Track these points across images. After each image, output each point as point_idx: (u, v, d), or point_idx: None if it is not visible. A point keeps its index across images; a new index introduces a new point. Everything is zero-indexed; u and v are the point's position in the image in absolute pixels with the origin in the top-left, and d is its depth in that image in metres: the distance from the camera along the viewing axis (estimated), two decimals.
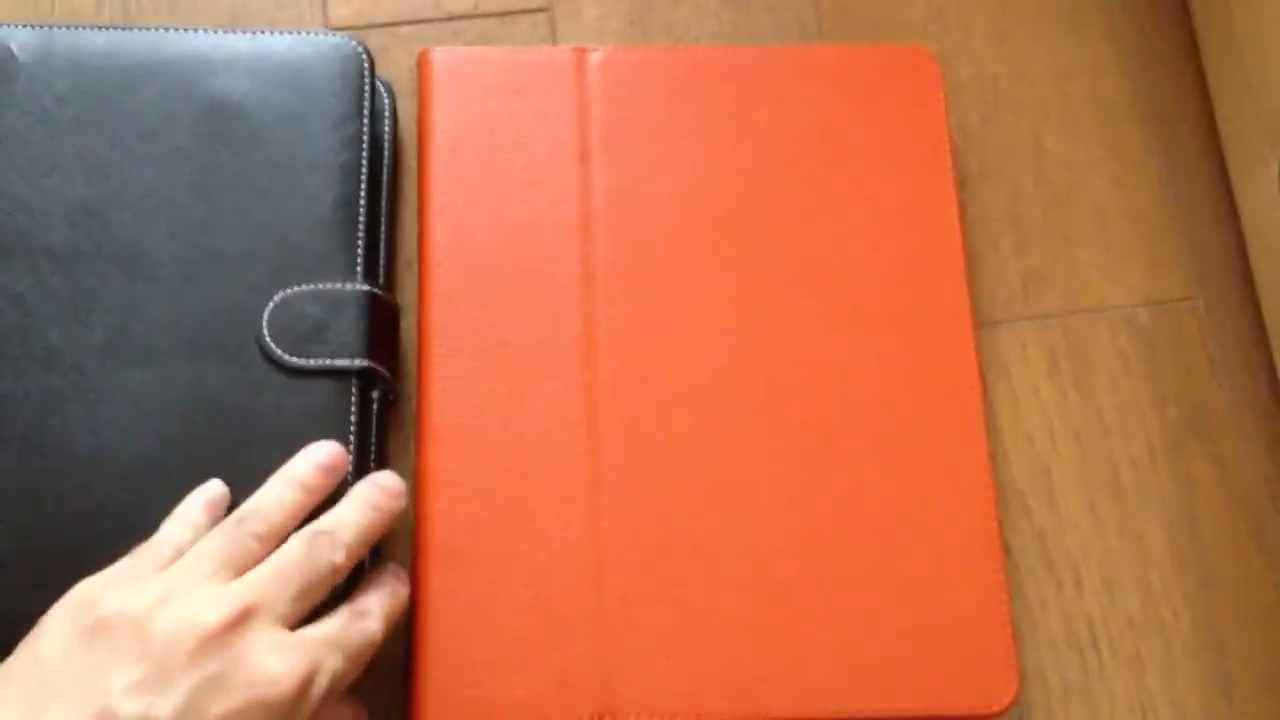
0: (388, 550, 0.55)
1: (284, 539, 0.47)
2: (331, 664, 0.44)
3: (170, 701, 0.41)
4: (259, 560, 0.46)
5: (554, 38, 0.65)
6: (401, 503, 0.50)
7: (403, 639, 0.53)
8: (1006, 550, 0.57)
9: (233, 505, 0.49)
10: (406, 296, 0.58)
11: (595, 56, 0.61)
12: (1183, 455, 0.59)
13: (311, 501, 0.49)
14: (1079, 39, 0.66)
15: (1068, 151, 0.64)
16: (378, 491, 0.49)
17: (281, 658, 0.43)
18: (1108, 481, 0.59)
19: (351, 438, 0.51)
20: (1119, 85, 0.66)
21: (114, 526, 0.49)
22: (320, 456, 0.50)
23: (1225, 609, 0.57)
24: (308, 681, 0.43)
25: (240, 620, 0.43)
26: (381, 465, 0.55)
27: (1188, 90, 0.65)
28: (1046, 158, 0.64)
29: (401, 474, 0.55)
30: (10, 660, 0.44)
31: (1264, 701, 0.55)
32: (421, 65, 0.60)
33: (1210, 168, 0.64)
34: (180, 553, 0.46)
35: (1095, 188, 0.64)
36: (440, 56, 0.60)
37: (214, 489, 0.49)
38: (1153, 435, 0.59)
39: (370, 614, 0.47)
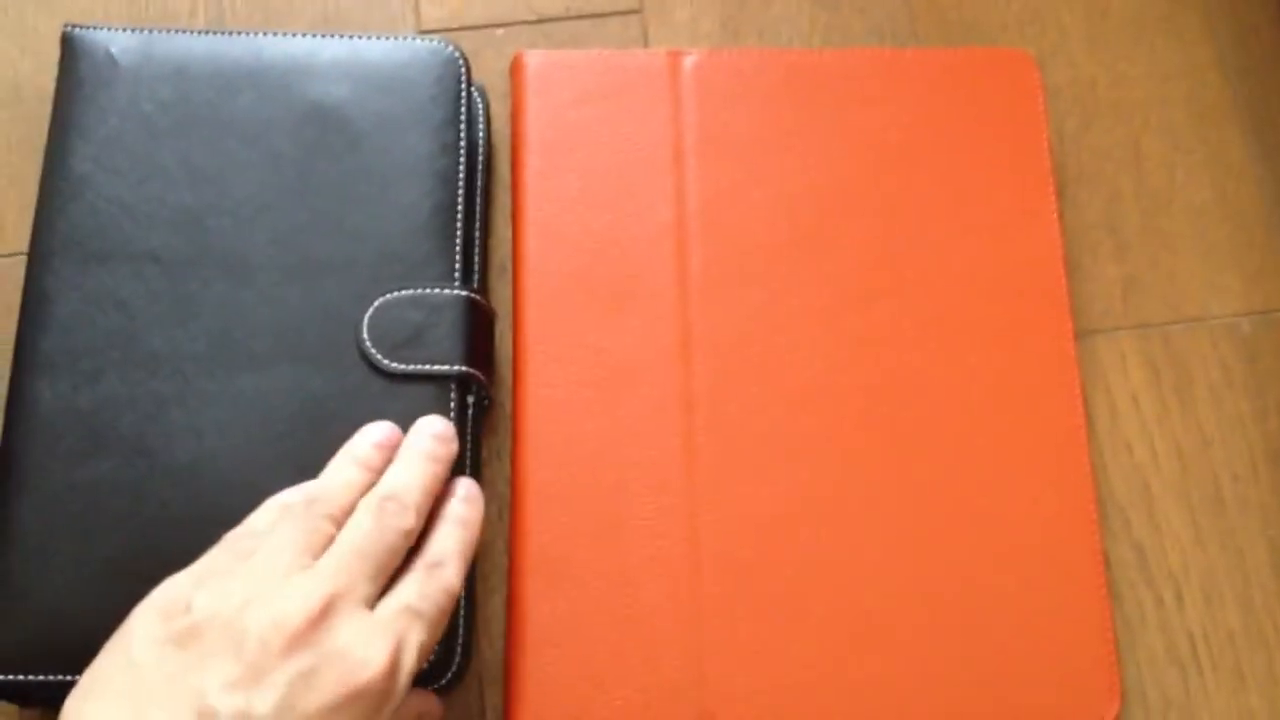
0: (482, 561, 0.55)
1: (349, 514, 0.47)
2: (416, 635, 0.45)
3: (268, 696, 0.41)
4: (332, 540, 0.46)
5: (645, 39, 0.64)
6: (455, 447, 0.50)
7: (499, 649, 0.53)
8: (1106, 564, 0.56)
9: None
10: (500, 303, 0.58)
11: (689, 60, 0.60)
12: None
13: (373, 480, 0.49)
14: (1177, 41, 0.65)
15: (1167, 157, 0.63)
16: (431, 441, 0.50)
17: (367, 642, 0.43)
18: (1208, 494, 0.58)
19: None
20: (1219, 89, 0.64)
21: (215, 529, 0.49)
22: (377, 436, 0.50)
23: None
24: (396, 660, 0.44)
25: (325, 613, 0.43)
26: (476, 471, 0.55)
27: None
28: (1145, 163, 0.63)
29: (496, 481, 0.56)
30: (100, 661, 0.44)
31: None
32: (515, 69, 0.60)
33: None
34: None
35: (1195, 194, 0.62)
36: (534, 60, 0.60)
37: (279, 503, 0.49)
38: (1255, 448, 0.58)
39: (445, 562, 0.47)
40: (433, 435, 0.50)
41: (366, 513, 0.46)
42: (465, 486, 0.50)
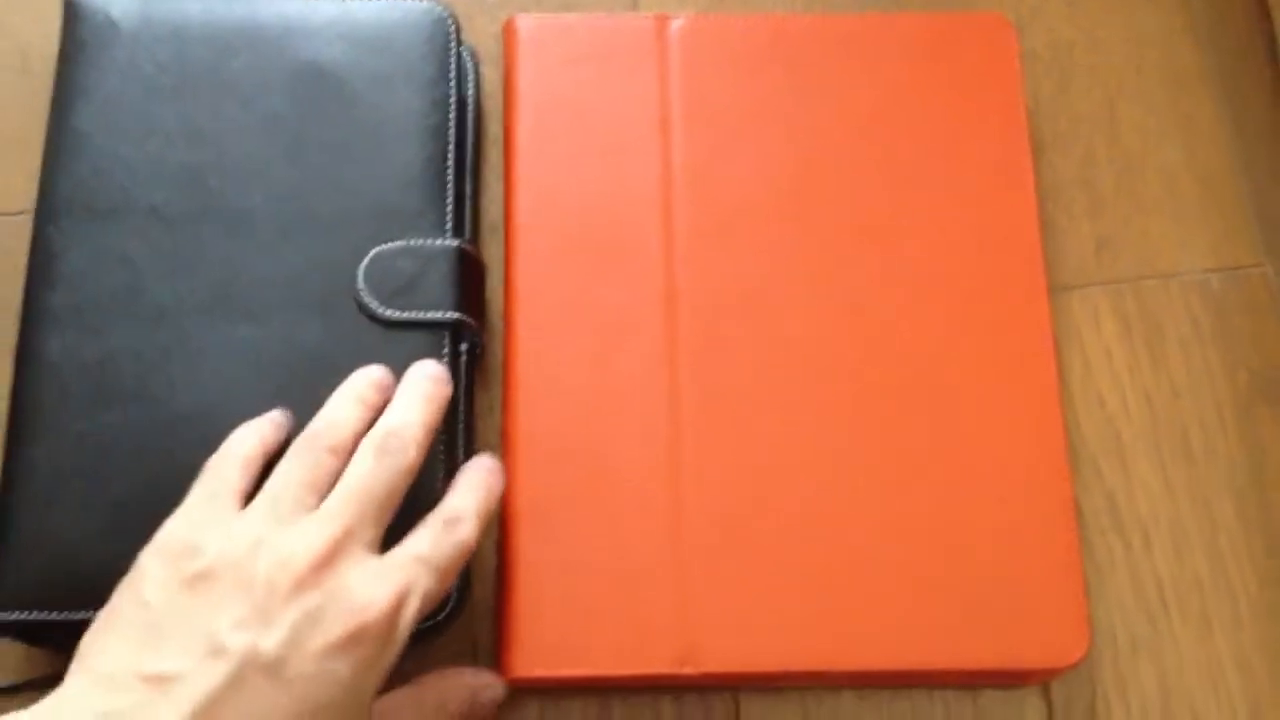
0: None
1: (352, 449, 0.49)
2: (423, 583, 0.46)
3: (275, 634, 0.43)
4: (336, 474, 0.48)
5: (635, 4, 0.66)
6: (449, 389, 0.52)
7: (490, 589, 0.55)
8: (1077, 511, 0.58)
9: None
10: (492, 260, 0.60)
11: (676, 24, 0.62)
12: (1252, 419, 0.60)
13: (372, 418, 0.50)
14: (1153, 8, 0.67)
15: (1140, 119, 0.65)
16: (427, 382, 0.51)
17: (373, 584, 0.45)
18: (1178, 445, 0.59)
19: None
20: (1192, 54, 0.66)
21: None
22: (374, 375, 0.52)
23: None
24: (400, 602, 0.45)
25: (330, 555, 0.45)
26: (469, 421, 0.57)
27: (1259, 59, 0.66)
28: (1119, 125, 0.65)
29: (489, 433, 0.57)
30: (114, 601, 0.46)
31: None
32: (507, 33, 0.62)
33: None
34: (248, 468, 0.49)
35: (1167, 155, 0.64)
36: (526, 24, 0.61)
37: (266, 423, 0.51)
38: (1223, 400, 0.60)
39: (462, 519, 0.49)
40: (428, 376, 0.51)
41: (369, 451, 0.48)
42: (490, 457, 0.52)
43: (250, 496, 0.48)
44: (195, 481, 0.49)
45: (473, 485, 0.50)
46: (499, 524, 0.55)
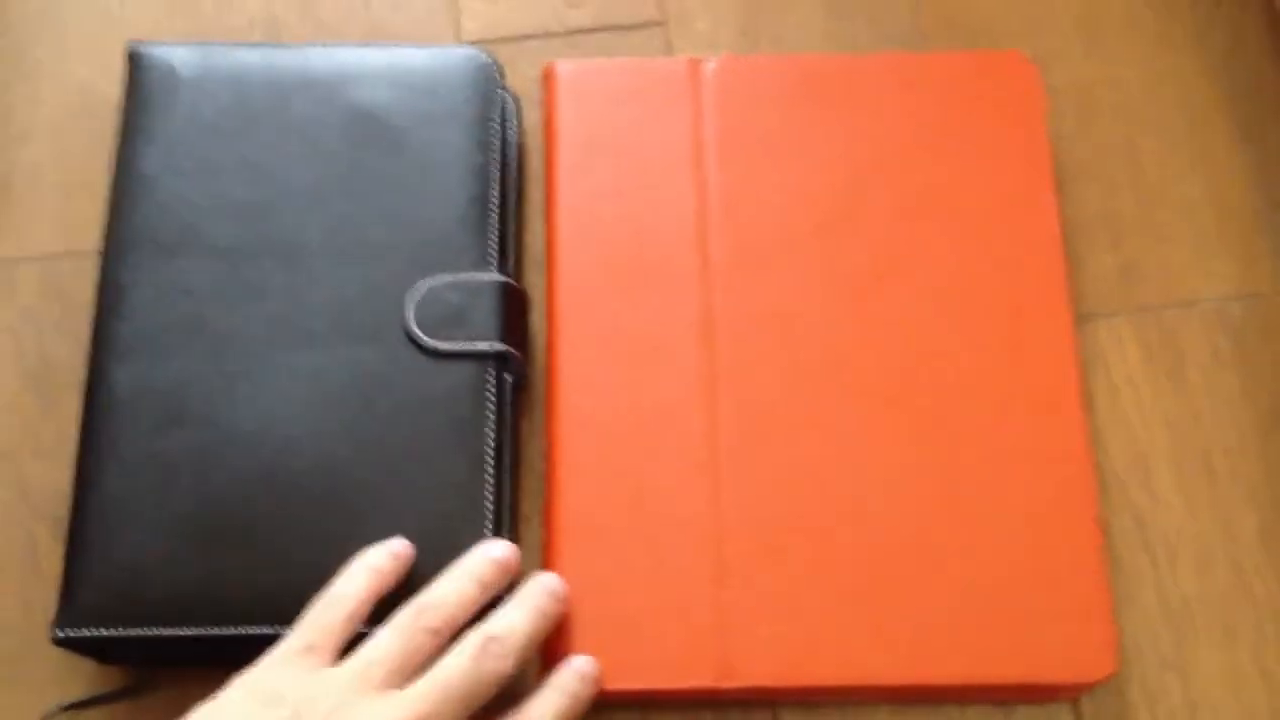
0: (525, 533, 0.59)
1: (457, 632, 0.51)
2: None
3: None
4: (430, 655, 0.50)
5: (669, 49, 0.69)
6: (564, 607, 0.54)
7: None
8: (1104, 530, 0.60)
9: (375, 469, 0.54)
10: (535, 293, 0.62)
11: (709, 66, 0.64)
12: (1272, 442, 0.62)
13: (485, 597, 0.52)
14: (1170, 47, 0.69)
15: (1160, 153, 0.67)
16: (545, 595, 0.53)
17: None
18: (1201, 467, 0.61)
19: (490, 415, 0.56)
20: (1209, 90, 0.68)
21: (279, 493, 0.54)
22: (496, 553, 0.53)
23: None
24: None
25: None
26: (515, 447, 0.59)
27: (1274, 92, 0.68)
28: (1140, 159, 0.67)
29: (533, 458, 0.60)
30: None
31: None
32: (547, 77, 0.64)
33: None
34: (352, 620, 0.50)
35: (1187, 187, 0.66)
36: (565, 69, 0.64)
37: (381, 558, 0.53)
38: (1244, 423, 0.62)
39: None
40: (547, 590, 0.53)
41: (469, 650, 0.50)
42: (586, 663, 0.53)
43: (349, 645, 0.50)
44: (301, 618, 0.50)
45: (526, 604, 0.52)
46: (543, 544, 0.57)
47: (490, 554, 0.53)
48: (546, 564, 0.56)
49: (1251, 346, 0.63)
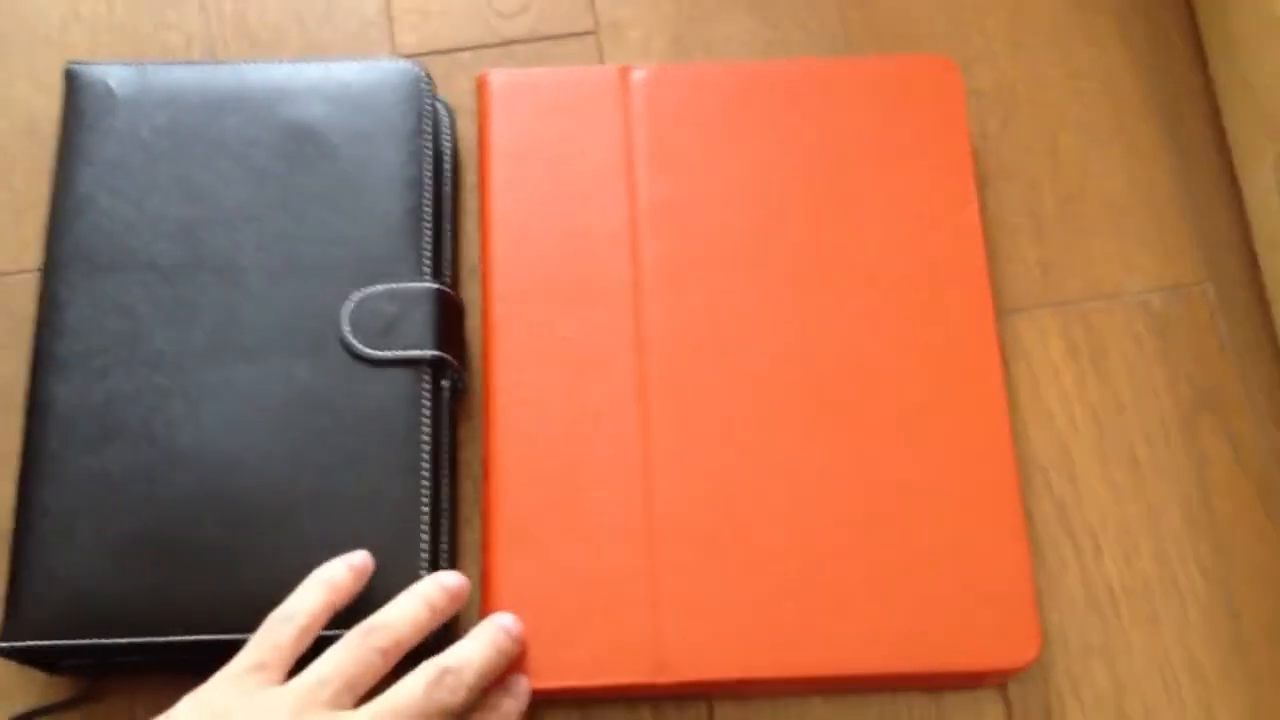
0: (463, 536, 0.60)
1: (404, 652, 0.52)
2: None
3: None
4: (379, 674, 0.51)
5: (601, 57, 0.70)
6: (518, 648, 0.55)
7: (476, 612, 0.58)
8: (1029, 519, 0.61)
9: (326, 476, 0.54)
10: (472, 302, 0.64)
11: (638, 74, 0.66)
12: (1195, 430, 0.63)
13: (435, 623, 0.53)
14: (1093, 45, 0.71)
15: (1082, 150, 0.68)
16: (502, 634, 0.54)
17: None
18: (1124, 456, 0.63)
19: (425, 422, 0.57)
20: (1131, 86, 0.70)
21: (219, 507, 0.55)
22: (448, 581, 0.54)
23: (1237, 573, 0.61)
24: None
25: None
26: (453, 451, 0.60)
27: (1195, 89, 0.70)
28: (1062, 156, 0.68)
29: (471, 462, 0.61)
30: None
31: (1275, 659, 0.59)
32: (480, 87, 0.66)
33: (1217, 161, 0.68)
34: (305, 637, 0.51)
35: (1109, 182, 0.68)
36: (497, 79, 0.65)
37: (339, 573, 0.53)
38: (1166, 412, 0.64)
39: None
40: (505, 629, 0.54)
41: (422, 678, 0.50)
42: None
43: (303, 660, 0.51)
44: (254, 635, 0.51)
45: (483, 639, 0.53)
46: (481, 546, 0.58)
47: (442, 581, 0.54)
48: (485, 566, 0.58)
49: (1173, 337, 0.65)
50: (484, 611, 0.57)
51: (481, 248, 0.63)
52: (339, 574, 0.53)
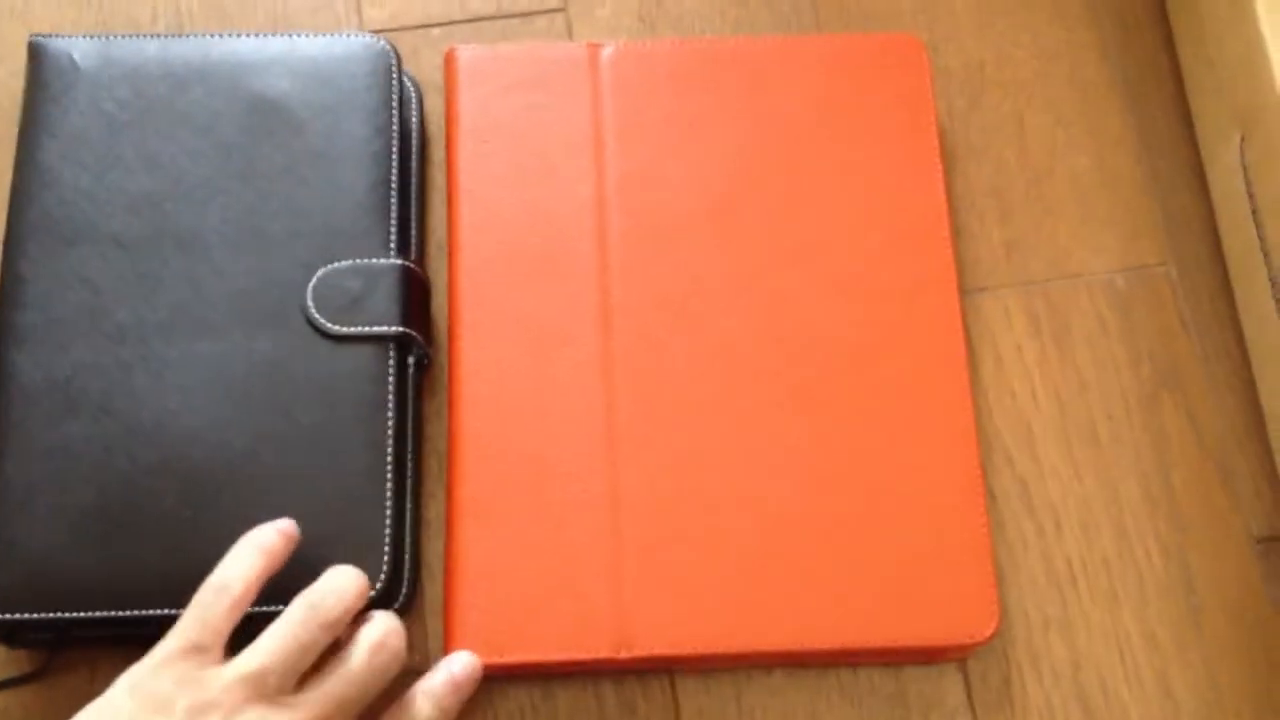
0: (427, 510, 0.60)
1: (349, 620, 0.52)
2: None
3: None
4: (321, 650, 0.50)
5: (570, 34, 0.70)
6: (288, 541, 0.53)
7: (442, 586, 0.58)
8: (990, 496, 0.62)
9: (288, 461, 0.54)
10: (438, 277, 0.64)
11: (607, 51, 0.66)
12: (1156, 408, 0.64)
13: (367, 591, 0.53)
14: (1061, 26, 0.71)
15: (1049, 130, 0.69)
16: (266, 543, 0.52)
17: None
18: (1086, 433, 0.63)
19: (390, 396, 0.57)
20: (1098, 67, 0.70)
21: (181, 481, 0.55)
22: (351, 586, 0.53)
23: (1195, 549, 0.61)
24: None
25: None
26: (418, 426, 0.60)
27: (1161, 71, 0.70)
28: (1028, 136, 0.69)
29: (436, 437, 0.61)
30: None
31: (1231, 633, 0.60)
32: (448, 62, 0.65)
33: (1182, 143, 0.69)
34: (238, 609, 0.50)
35: (1075, 163, 0.68)
36: (465, 54, 0.65)
37: (270, 537, 0.53)
38: (1128, 390, 0.64)
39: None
40: (264, 540, 0.53)
41: (362, 654, 0.51)
42: (462, 665, 0.55)
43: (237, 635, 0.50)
44: (185, 612, 0.50)
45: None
46: (445, 521, 0.58)
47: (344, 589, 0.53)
48: (448, 540, 0.58)
49: (1136, 317, 0.65)
50: (447, 586, 0.57)
51: (448, 223, 0.63)
52: (270, 539, 0.52)
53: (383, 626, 0.52)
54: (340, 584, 0.52)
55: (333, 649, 0.52)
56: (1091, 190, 0.68)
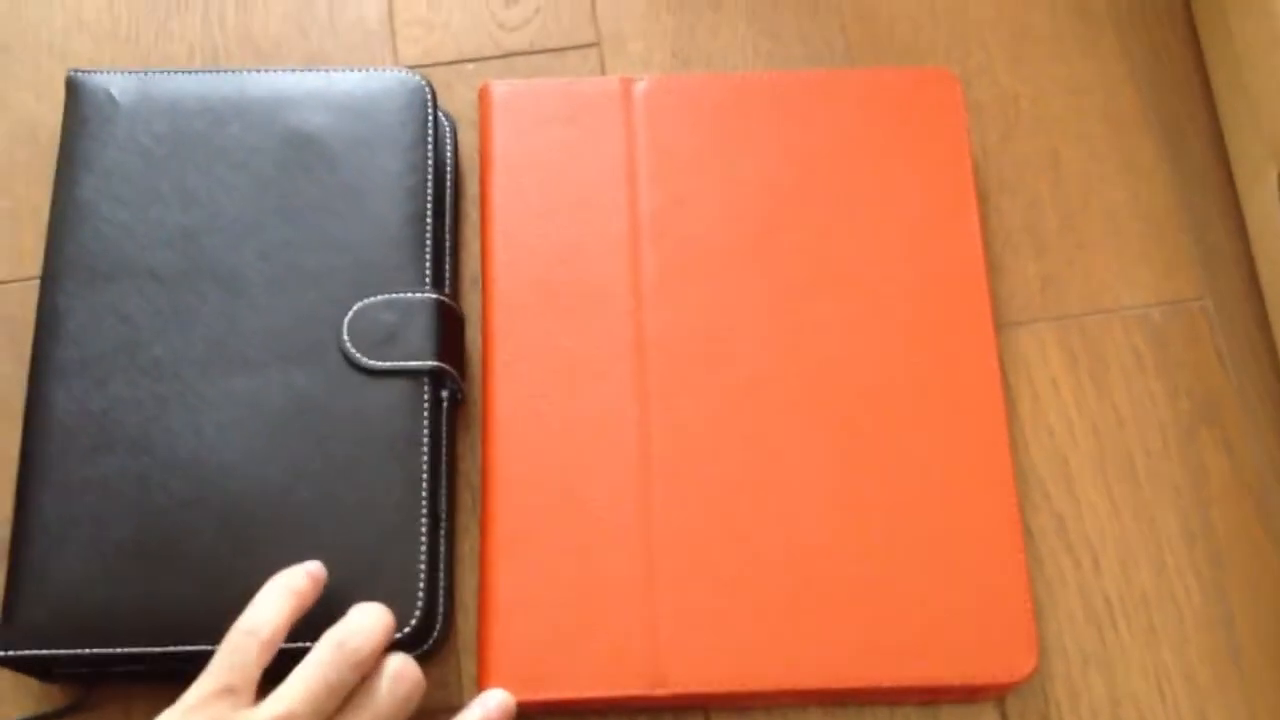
0: (461, 546, 0.60)
1: (378, 655, 0.52)
2: None
3: None
4: (351, 688, 0.50)
5: (603, 70, 0.70)
6: (315, 586, 0.53)
7: (475, 624, 0.58)
8: (1028, 533, 0.61)
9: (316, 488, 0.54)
10: (473, 312, 0.64)
11: (640, 85, 0.66)
12: (1194, 443, 0.63)
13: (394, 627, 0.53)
14: (1093, 59, 0.71)
15: (1083, 164, 0.69)
16: (295, 583, 0.52)
17: None
18: (1123, 469, 0.63)
19: (425, 431, 0.57)
20: (1131, 101, 0.70)
21: (217, 516, 0.55)
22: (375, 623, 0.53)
23: (1234, 585, 0.61)
24: None
25: None
26: (452, 461, 0.60)
27: (1196, 104, 0.70)
28: (1063, 170, 0.68)
29: (470, 473, 0.61)
30: None
31: (1271, 670, 0.59)
32: (483, 97, 0.66)
33: (1218, 176, 0.68)
34: (268, 651, 0.50)
35: (1110, 197, 0.68)
36: (500, 89, 0.66)
37: (299, 580, 0.53)
38: (1165, 425, 0.64)
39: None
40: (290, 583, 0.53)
41: (389, 696, 0.51)
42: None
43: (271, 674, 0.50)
44: (216, 655, 0.50)
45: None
46: (479, 556, 0.58)
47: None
48: (482, 576, 0.58)
49: (1172, 351, 0.65)
50: (481, 623, 0.57)
51: (482, 256, 0.63)
52: (300, 581, 0.52)
53: (400, 657, 0.52)
54: (367, 623, 0.52)
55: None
56: (1126, 224, 0.67)
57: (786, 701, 0.58)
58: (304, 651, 0.50)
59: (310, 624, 0.51)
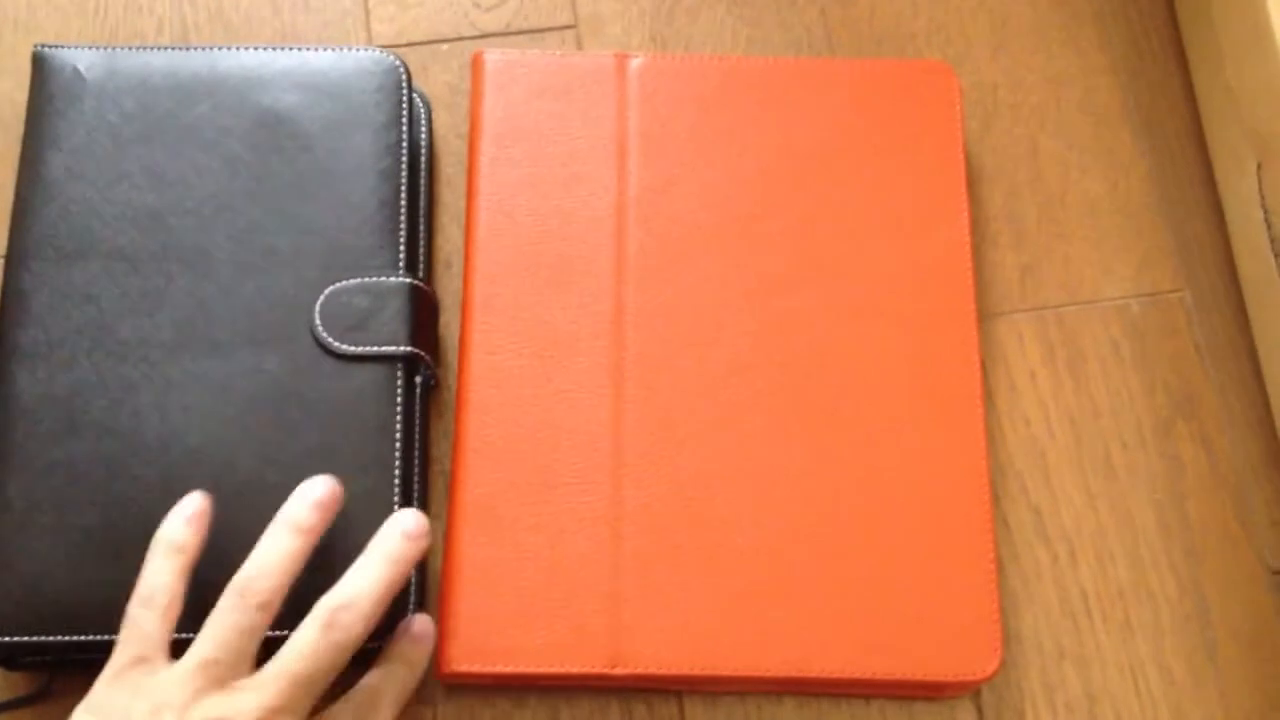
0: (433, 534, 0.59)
1: (286, 590, 0.50)
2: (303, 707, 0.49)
3: None
4: (265, 628, 0.49)
5: (580, 49, 0.69)
6: (425, 543, 0.52)
7: (437, 589, 0.58)
8: (1004, 525, 0.61)
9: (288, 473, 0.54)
10: (446, 296, 0.63)
11: (635, 62, 0.65)
12: (1171, 436, 0.63)
13: (311, 542, 0.51)
14: (1073, 49, 0.70)
15: (1062, 154, 0.68)
16: (399, 540, 0.52)
17: None
18: (1100, 461, 0.63)
19: (398, 418, 0.56)
20: (1111, 92, 0.70)
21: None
22: (315, 494, 0.52)
23: (1209, 579, 0.61)
24: None
25: None
26: (425, 449, 0.59)
27: (1175, 96, 0.69)
28: (1042, 160, 0.68)
29: (443, 460, 0.60)
30: None
31: (1246, 664, 0.59)
32: (475, 66, 0.65)
33: (1197, 168, 0.68)
34: (168, 615, 0.49)
35: (1088, 188, 0.68)
36: (492, 58, 0.65)
37: (181, 534, 0.51)
38: (1142, 418, 0.63)
39: (380, 705, 0.52)
40: (404, 533, 0.52)
41: (315, 626, 0.49)
42: (420, 623, 0.54)
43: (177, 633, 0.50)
44: (121, 631, 0.49)
45: (373, 556, 0.51)
46: (444, 527, 0.58)
47: (309, 496, 0.52)
48: (446, 545, 0.57)
49: (1150, 344, 0.65)
50: (443, 593, 0.56)
51: (466, 225, 0.62)
52: (177, 533, 0.51)
53: (336, 599, 0.50)
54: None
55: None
56: (1105, 215, 0.67)
57: (748, 689, 0.58)
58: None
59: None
